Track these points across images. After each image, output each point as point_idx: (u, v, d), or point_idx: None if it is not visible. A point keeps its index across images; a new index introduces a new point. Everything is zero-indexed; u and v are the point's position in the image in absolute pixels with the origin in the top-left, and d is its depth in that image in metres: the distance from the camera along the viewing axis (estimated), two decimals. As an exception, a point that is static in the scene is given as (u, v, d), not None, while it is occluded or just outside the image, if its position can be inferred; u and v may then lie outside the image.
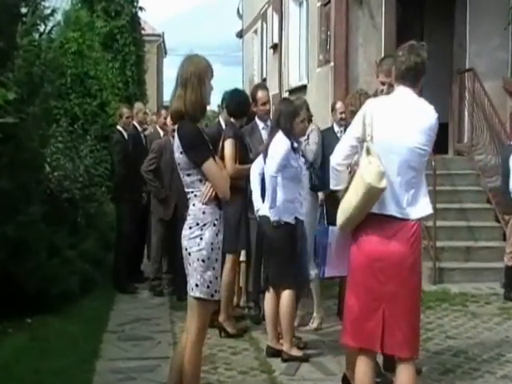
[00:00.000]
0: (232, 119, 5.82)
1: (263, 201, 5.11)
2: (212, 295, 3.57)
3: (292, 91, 13.33)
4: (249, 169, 5.49)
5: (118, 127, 7.64)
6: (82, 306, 6.44)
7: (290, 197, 4.98)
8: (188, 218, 3.59)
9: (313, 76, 12.13)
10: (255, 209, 5.23)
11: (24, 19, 6.42)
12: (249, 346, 5.43)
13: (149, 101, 14.69)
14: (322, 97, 11.01)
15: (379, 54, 9.17)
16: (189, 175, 3.58)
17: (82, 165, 8.55)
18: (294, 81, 13.86)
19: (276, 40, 15.68)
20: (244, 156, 5.68)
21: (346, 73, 10.15)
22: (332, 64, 10.53)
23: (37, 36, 6.93)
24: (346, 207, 3.41)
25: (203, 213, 3.56)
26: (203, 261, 3.53)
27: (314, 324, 5.87)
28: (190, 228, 3.56)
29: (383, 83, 4.51)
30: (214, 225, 3.59)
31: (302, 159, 5.45)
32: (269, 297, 5.09)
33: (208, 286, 3.54)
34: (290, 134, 5.04)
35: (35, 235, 6.10)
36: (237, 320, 5.98)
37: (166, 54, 31.98)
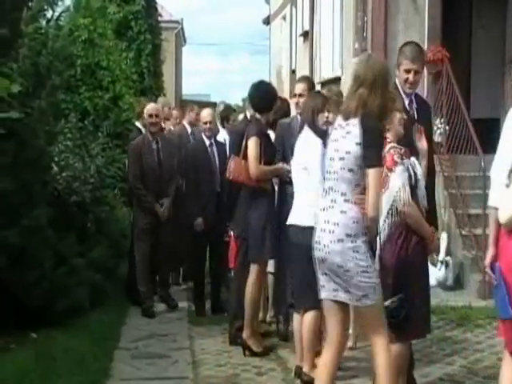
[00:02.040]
0: (257, 114, 5.80)
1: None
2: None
3: (324, 84, 13.25)
4: (275, 170, 5.44)
5: (137, 123, 7.63)
6: (92, 320, 6.45)
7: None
8: (335, 227, 3.74)
9: (348, 67, 12.05)
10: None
11: (30, 4, 6.47)
12: (276, 366, 5.41)
13: (166, 94, 14.71)
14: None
15: (422, 41, 9.05)
16: (350, 170, 3.77)
17: (93, 165, 8.59)
18: (326, 72, 13.79)
19: (307, 27, 15.63)
20: (270, 156, 5.64)
21: (384, 63, 10.06)
22: (369, 53, 10.44)
23: (43, 23, 6.98)
24: None
25: (354, 222, 3.74)
26: (365, 272, 3.75)
27: (348, 342, 5.79)
28: (342, 241, 3.73)
29: (408, 71, 4.45)
30: (365, 234, 3.78)
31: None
32: (297, 314, 5.06)
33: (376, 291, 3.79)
34: (322, 131, 4.97)
35: (40, 242, 6.13)
36: (263, 337, 5.96)
37: (185, 42, 32.16)
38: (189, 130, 8.37)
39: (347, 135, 3.79)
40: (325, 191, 3.88)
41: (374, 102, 3.77)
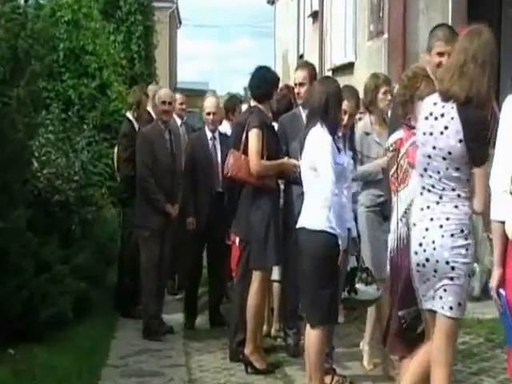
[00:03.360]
0: (258, 104, 5.81)
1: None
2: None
3: (336, 70, 13.28)
4: (280, 165, 5.45)
5: (128, 114, 7.61)
6: (76, 333, 6.45)
7: (339, 201, 4.92)
8: (446, 222, 3.67)
9: (362, 51, 12.07)
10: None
11: (6, -19, 6.48)
12: (281, 386, 5.41)
13: (159, 82, 14.72)
14: (373, 76, 10.92)
15: (445, 20, 9.07)
16: (457, 169, 3.64)
17: (78, 160, 8.59)
18: (338, 57, 13.81)
19: (316, 7, 15.66)
20: (274, 150, 5.65)
21: (403, 47, 10.07)
22: (386, 36, 10.46)
23: (22, 1, 6.98)
24: None
25: (469, 218, 3.68)
26: (469, 276, 3.71)
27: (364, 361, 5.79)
28: (453, 236, 3.66)
29: (441, 54, 4.46)
30: (471, 233, 3.71)
31: (350, 152, 5.44)
32: (309, 327, 5.04)
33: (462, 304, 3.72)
34: (336, 124, 4.97)
35: (19, 246, 6.13)
36: (267, 353, 5.96)
37: (180, 24, 32.20)
38: (178, 122, 8.40)
39: (445, 131, 3.62)
40: (425, 189, 3.75)
41: (483, 85, 3.62)
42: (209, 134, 7.17)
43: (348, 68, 12.49)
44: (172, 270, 8.09)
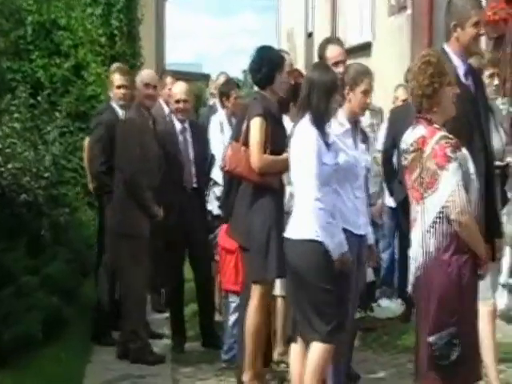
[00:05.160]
0: (262, 90, 5.83)
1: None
2: None
3: (350, 51, 13.26)
4: (285, 161, 5.46)
5: (112, 103, 7.55)
6: (46, 356, 6.44)
7: (327, 206, 4.95)
8: None
9: (381, 29, 12.08)
10: None
11: None
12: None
13: (144, 63, 14.70)
14: (393, 60, 10.94)
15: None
16: None
17: (49, 154, 8.59)
18: (352, 37, 13.80)
19: (328, -24, 15.66)
20: (279, 143, 5.64)
21: (429, 24, 10.08)
22: (409, 11, 10.46)
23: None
24: None
25: None
26: None
27: None
28: None
29: (477, 24, 4.49)
30: None
31: (362, 146, 5.47)
32: (296, 349, 5.09)
33: None
34: (325, 119, 5.02)
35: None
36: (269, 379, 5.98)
37: (168, -4, 32.18)
38: (166, 110, 8.38)
39: None
40: None
41: None
42: (178, 126, 7.17)
43: (364, 49, 12.50)
44: (157, 282, 8.08)
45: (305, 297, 4.98)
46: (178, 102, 7.14)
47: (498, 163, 5.21)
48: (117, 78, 7.45)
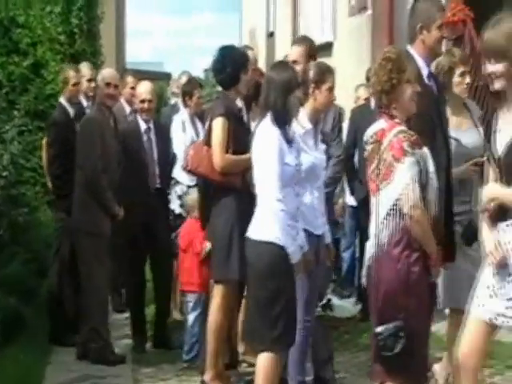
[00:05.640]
0: (225, 90, 5.86)
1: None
2: None
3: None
4: (247, 161, 5.47)
5: (61, 100, 7.54)
6: (5, 357, 6.38)
7: (289, 208, 4.94)
8: None
9: (341, 29, 12.13)
10: None
11: None
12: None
13: (105, 61, 14.62)
14: (354, 59, 11.00)
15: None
16: None
17: (7, 153, 8.50)
18: (314, 36, 13.82)
19: (289, -24, 15.69)
20: (241, 143, 5.64)
21: (389, 24, 10.13)
22: (370, 12, 10.51)
23: None
24: None
25: None
26: None
27: None
28: None
29: (441, 26, 4.56)
30: None
31: (322, 146, 5.49)
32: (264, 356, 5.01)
33: None
34: (286, 117, 5.01)
35: None
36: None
37: (129, -6, 32.05)
38: (127, 109, 8.36)
39: None
40: None
41: None
42: (143, 125, 7.15)
43: (326, 48, 12.52)
44: (118, 283, 8.04)
45: (254, 300, 4.97)
46: (142, 101, 7.12)
47: (479, 159, 5.26)
48: (72, 76, 7.44)
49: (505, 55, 3.85)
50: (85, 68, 8.25)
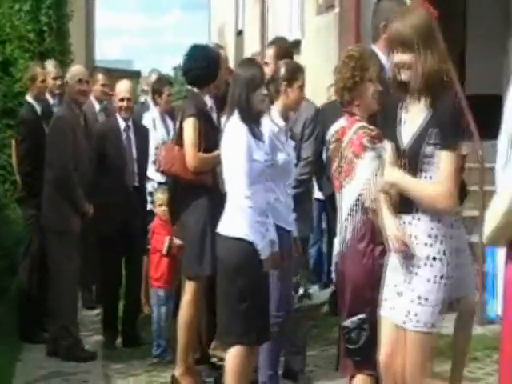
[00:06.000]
0: (194, 89, 5.88)
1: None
2: None
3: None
4: (217, 157, 5.51)
5: (28, 98, 7.52)
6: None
7: (258, 204, 4.97)
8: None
9: (309, 27, 12.17)
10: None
11: None
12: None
13: (74, 59, 14.57)
14: (322, 57, 11.04)
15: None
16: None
17: (-24, 151, 8.46)
18: (282, 34, 13.87)
19: (257, -25, 15.70)
20: (211, 141, 5.67)
21: (356, 23, 10.18)
22: (337, 10, 10.56)
23: None
24: (494, 214, 3.55)
25: (438, 221, 3.88)
26: None
27: None
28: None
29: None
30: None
31: (291, 143, 5.53)
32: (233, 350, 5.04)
33: None
34: (250, 114, 5.04)
35: None
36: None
37: (98, -8, 31.88)
38: (97, 107, 8.36)
39: None
40: None
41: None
42: (122, 124, 7.16)
43: (294, 47, 12.54)
44: (88, 280, 8.03)
45: (223, 295, 5.01)
46: (122, 100, 7.13)
47: None
48: (39, 73, 7.47)
49: (411, 47, 3.82)
50: (50, 66, 8.22)
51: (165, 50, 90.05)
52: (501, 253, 5.99)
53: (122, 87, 7.22)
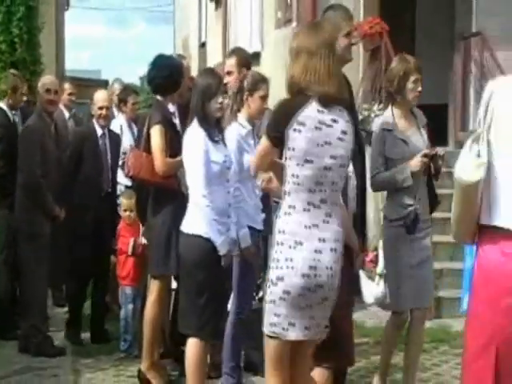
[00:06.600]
0: (158, 97, 5.88)
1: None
2: None
3: (241, 60, 13.35)
4: (181, 161, 5.52)
5: (1, 104, 7.45)
6: None
7: (217, 204, 5.01)
8: (332, 246, 3.84)
9: (269, 41, 12.19)
10: None
11: None
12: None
13: (44, 69, 14.46)
14: (279, 69, 11.03)
15: (357, 11, 9.32)
16: (343, 178, 3.98)
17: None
18: (243, 47, 13.89)
19: (219, -10, 15.71)
20: (174, 146, 5.69)
21: (313, 36, 10.20)
22: (294, 24, 10.59)
23: None
24: (453, 209, 3.49)
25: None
26: None
27: None
28: (338, 260, 3.88)
29: (349, 34, 4.64)
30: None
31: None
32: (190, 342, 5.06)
33: None
34: (206, 120, 5.09)
35: None
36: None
37: (68, 5, 31.64)
38: (66, 114, 8.33)
39: (344, 136, 3.84)
40: (313, 205, 3.78)
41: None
42: (99, 131, 7.14)
43: (254, 58, 12.56)
44: (60, 279, 7.96)
45: (184, 288, 5.07)
46: (101, 108, 7.10)
47: (428, 151, 5.25)
48: (20, 85, 7.37)
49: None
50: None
51: (132, 60, 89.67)
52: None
53: (100, 96, 7.22)
